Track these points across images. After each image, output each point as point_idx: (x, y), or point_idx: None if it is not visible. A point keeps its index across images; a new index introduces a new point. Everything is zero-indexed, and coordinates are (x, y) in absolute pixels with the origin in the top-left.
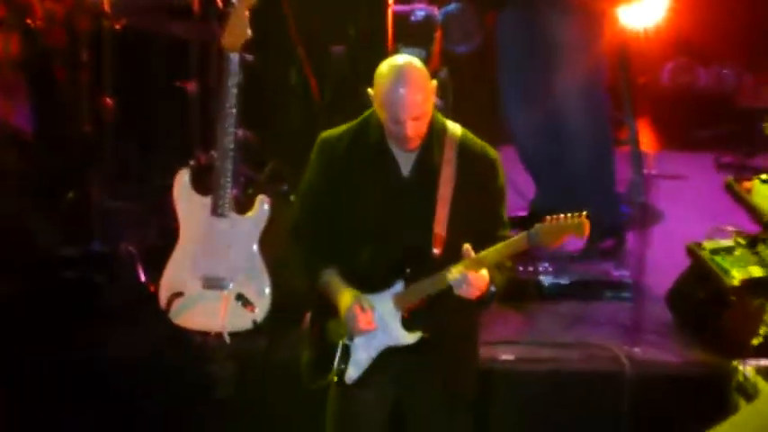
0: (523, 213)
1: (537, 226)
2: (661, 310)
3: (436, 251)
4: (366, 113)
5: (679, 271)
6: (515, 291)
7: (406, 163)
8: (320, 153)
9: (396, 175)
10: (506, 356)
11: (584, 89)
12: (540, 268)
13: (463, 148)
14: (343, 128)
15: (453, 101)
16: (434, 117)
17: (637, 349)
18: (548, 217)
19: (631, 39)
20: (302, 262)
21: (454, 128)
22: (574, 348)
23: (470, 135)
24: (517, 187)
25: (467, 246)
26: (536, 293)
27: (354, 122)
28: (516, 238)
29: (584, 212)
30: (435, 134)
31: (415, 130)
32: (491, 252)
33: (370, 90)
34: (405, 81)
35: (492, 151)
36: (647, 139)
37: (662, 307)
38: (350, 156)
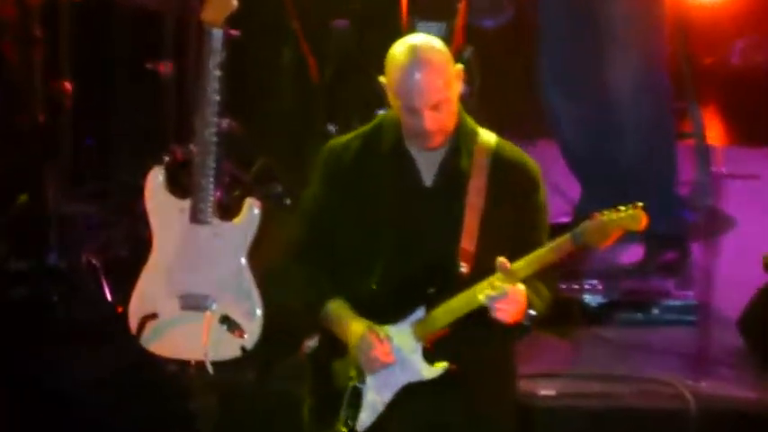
0: (567, 220)
1: (583, 224)
2: (732, 337)
3: (464, 269)
4: (379, 117)
5: (754, 289)
6: (557, 313)
7: (428, 169)
8: (325, 163)
9: (416, 182)
10: (547, 391)
11: (640, 70)
12: (587, 286)
13: (498, 157)
14: (351, 134)
15: (480, 86)
16: (463, 118)
17: (703, 383)
18: (596, 213)
19: (695, 12)
20: (304, 290)
21: (488, 135)
22: (627, 382)
23: (507, 143)
24: (560, 189)
25: (501, 258)
26: (581, 316)
27: (365, 127)
28: (559, 240)
29: (640, 203)
30: (464, 136)
31: (435, 121)
32: (529, 260)
33: (381, 78)
34: (421, 63)
35: (532, 162)
36: (714, 132)
37: (733, 332)
38: (360, 164)
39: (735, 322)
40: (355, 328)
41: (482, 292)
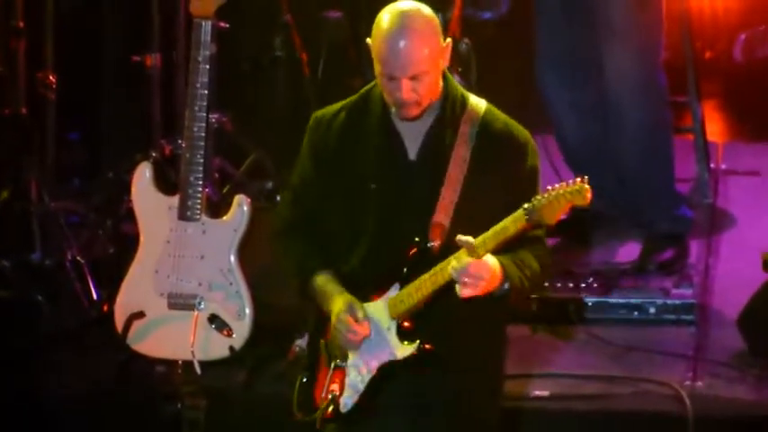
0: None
1: (534, 199)
2: (731, 336)
3: (434, 244)
4: (369, 85)
5: (754, 288)
6: (551, 312)
7: (413, 141)
8: (312, 133)
9: (401, 157)
10: (539, 392)
11: (639, 65)
12: (582, 285)
13: (485, 126)
14: (339, 104)
15: (477, 79)
16: (451, 86)
17: (701, 383)
18: (548, 187)
19: (696, 4)
20: (293, 261)
21: (477, 102)
22: (623, 383)
23: (497, 111)
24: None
25: (462, 237)
26: (577, 316)
27: (354, 96)
28: (511, 217)
29: (586, 176)
30: (451, 107)
31: (412, 92)
32: (486, 237)
33: (368, 40)
34: (407, 31)
35: (522, 131)
36: (715, 127)
37: (732, 332)
38: (346, 136)
39: (734, 321)
40: (336, 303)
41: (449, 267)
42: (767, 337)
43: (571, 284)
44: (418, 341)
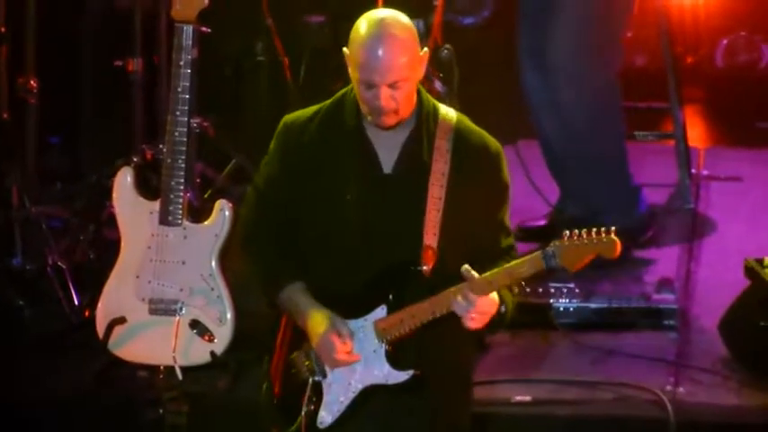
0: (543, 223)
1: (555, 244)
2: (713, 342)
3: (426, 268)
4: (342, 91)
5: (735, 293)
6: (531, 317)
7: (388, 154)
8: (283, 138)
9: (375, 170)
10: (521, 398)
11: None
12: (563, 289)
13: (459, 138)
14: (311, 110)
15: (459, 86)
16: (423, 98)
17: (682, 389)
18: (566, 232)
19: (677, 9)
20: (259, 271)
21: (447, 112)
22: (604, 388)
23: (467, 121)
24: (539, 191)
25: (466, 266)
26: (557, 321)
27: (326, 102)
28: (528, 258)
29: (613, 228)
30: (425, 119)
31: (391, 100)
32: (499, 273)
33: (345, 50)
34: (386, 39)
35: (494, 142)
36: (696, 133)
37: (714, 337)
38: (318, 143)
39: (715, 327)
40: (316, 320)
41: (453, 300)
42: (748, 343)
43: (552, 289)
44: (412, 371)
